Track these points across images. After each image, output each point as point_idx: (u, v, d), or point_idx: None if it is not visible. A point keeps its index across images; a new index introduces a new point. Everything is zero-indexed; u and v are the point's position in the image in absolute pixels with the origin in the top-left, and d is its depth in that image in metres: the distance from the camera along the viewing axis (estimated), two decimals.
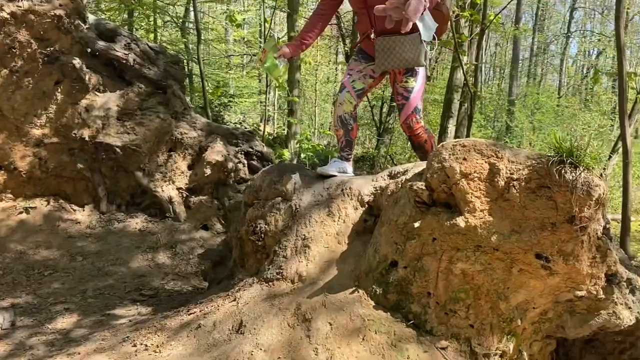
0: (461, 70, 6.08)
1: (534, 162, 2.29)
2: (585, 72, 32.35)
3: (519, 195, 2.29)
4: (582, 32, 31.56)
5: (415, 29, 2.74)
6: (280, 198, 3.14)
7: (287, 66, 2.90)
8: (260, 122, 25.23)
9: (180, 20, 15.40)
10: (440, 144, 2.54)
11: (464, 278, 2.42)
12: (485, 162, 2.37)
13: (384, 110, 13.99)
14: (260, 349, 2.52)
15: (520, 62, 28.66)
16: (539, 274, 2.33)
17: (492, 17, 5.68)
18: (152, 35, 14.85)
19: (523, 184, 2.29)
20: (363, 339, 2.44)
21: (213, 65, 19.54)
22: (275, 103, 24.96)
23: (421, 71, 3.04)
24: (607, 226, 2.55)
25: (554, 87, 31.19)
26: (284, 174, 3.21)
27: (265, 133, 16.47)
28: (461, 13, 5.79)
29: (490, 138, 22.59)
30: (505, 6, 5.80)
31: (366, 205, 3.02)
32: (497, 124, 25.36)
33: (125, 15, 13.84)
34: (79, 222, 4.74)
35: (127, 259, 4.45)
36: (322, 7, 3.10)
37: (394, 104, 13.19)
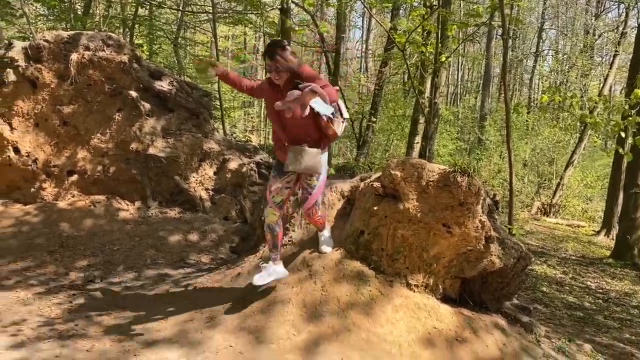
0: (420, 100, 7.80)
1: (441, 171, 3.97)
2: (554, 88, 34.32)
3: (433, 190, 3.96)
4: (549, 50, 33.45)
5: (317, 144, 3.56)
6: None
7: (213, 75, 3.70)
8: (247, 132, 26.89)
9: (174, 36, 16.97)
10: (389, 160, 4.22)
11: (402, 239, 4.07)
12: (415, 171, 4.04)
13: (363, 124, 15.60)
14: (281, 283, 4.13)
15: (492, 78, 30.64)
16: (445, 236, 3.99)
17: (443, 59, 7.41)
18: (146, 49, 16.44)
19: (435, 183, 3.96)
20: (343, 276, 4.07)
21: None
22: (262, 115, 26.71)
23: (324, 174, 3.73)
24: (491, 208, 4.30)
25: (526, 101, 33.21)
26: None
27: (255, 143, 18.10)
28: (423, 56, 7.51)
29: (462, 150, 24.40)
30: (455, 50, 7.52)
31: (346, 198, 4.69)
32: (470, 136, 27.20)
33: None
34: (132, 213, 6.32)
35: (170, 239, 6.03)
36: (256, 85, 3.70)
37: (373, 119, 14.94)
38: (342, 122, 3.62)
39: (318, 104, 3.22)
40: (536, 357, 3.93)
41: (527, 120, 23.32)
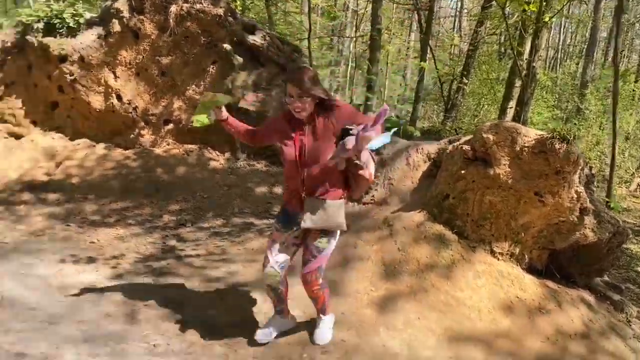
0: (518, 62, 7.38)
1: (537, 137, 3.77)
2: None
3: (527, 156, 3.78)
4: None
5: (338, 196, 2.90)
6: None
7: (212, 120, 3.02)
8: (332, 92, 26.79)
9: None
10: (482, 124, 4.05)
11: (490, 205, 3.94)
12: (509, 135, 3.87)
13: (453, 86, 15.03)
14: (362, 240, 4.17)
15: (598, 42, 28.28)
16: (536, 205, 3.82)
17: (546, 19, 6.93)
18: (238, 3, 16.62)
19: (530, 149, 3.77)
20: (424, 238, 4.04)
21: (292, 37, 20.95)
22: (348, 74, 26.49)
23: (336, 234, 3.01)
24: (589, 179, 4.06)
25: (635, 69, 30.43)
26: None
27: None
28: (524, 15, 7.06)
29: (558, 119, 23.03)
30: (560, 10, 6.97)
31: (432, 160, 4.60)
32: (568, 105, 25.49)
33: None
34: (222, 164, 6.57)
35: (256, 191, 6.23)
36: (263, 128, 3.13)
37: (464, 81, 14.35)
38: (374, 162, 2.94)
39: (374, 142, 2.70)
40: (625, 337, 3.73)
41: (634, 90, 21.45)
